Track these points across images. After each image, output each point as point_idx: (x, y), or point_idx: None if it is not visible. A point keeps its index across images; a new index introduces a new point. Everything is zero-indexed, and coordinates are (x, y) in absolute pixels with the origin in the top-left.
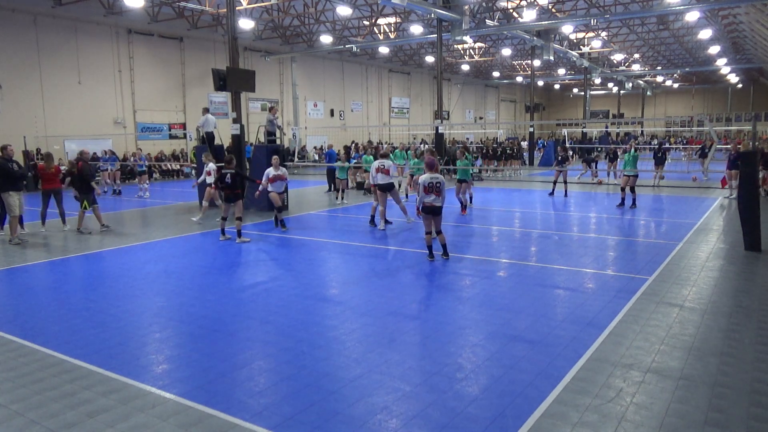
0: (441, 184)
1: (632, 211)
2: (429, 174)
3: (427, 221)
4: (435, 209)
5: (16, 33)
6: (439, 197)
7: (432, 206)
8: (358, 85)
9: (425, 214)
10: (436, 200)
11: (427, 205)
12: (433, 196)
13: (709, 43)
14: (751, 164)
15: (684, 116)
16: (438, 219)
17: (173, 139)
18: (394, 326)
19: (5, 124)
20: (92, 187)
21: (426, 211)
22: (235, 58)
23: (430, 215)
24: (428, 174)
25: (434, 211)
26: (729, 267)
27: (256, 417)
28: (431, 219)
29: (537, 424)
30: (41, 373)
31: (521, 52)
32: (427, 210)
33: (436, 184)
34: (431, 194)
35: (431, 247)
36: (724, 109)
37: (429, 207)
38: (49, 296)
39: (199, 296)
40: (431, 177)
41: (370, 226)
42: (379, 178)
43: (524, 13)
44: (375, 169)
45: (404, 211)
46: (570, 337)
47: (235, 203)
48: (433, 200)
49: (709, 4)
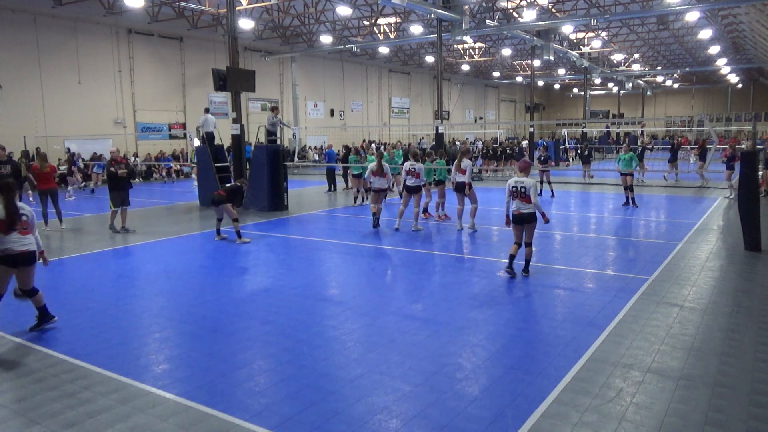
0: (526, 189)
1: (632, 210)
2: (516, 177)
3: (517, 231)
4: (523, 217)
5: (16, 33)
6: (527, 203)
7: (520, 214)
8: (358, 85)
9: (514, 223)
10: (524, 207)
11: (515, 213)
12: (520, 203)
13: (709, 43)
14: (751, 164)
15: (684, 116)
16: (530, 228)
17: (173, 139)
18: (394, 326)
19: (5, 124)
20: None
21: (515, 220)
22: (235, 58)
23: (520, 224)
24: (515, 177)
25: (523, 219)
26: (729, 267)
27: (256, 417)
28: (521, 229)
29: (537, 424)
30: (41, 373)
31: (521, 52)
32: (516, 219)
33: (521, 189)
34: (517, 200)
35: (513, 258)
36: (724, 109)
37: (517, 215)
38: (49, 296)
39: (199, 296)
40: (516, 181)
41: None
42: (409, 181)
43: (524, 13)
44: (405, 171)
45: (416, 217)
46: (570, 337)
47: (224, 206)
48: (521, 206)
49: (709, 4)
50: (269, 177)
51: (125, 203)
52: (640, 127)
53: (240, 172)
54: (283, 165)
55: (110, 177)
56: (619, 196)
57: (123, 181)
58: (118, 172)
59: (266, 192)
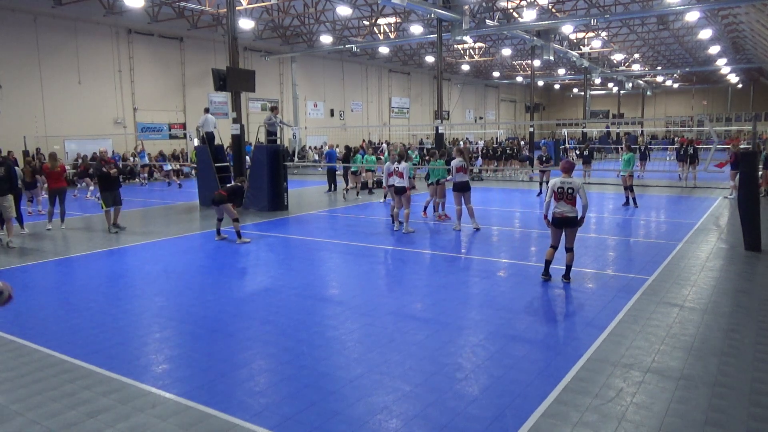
0: (574, 190)
1: (632, 210)
2: (561, 177)
3: (556, 234)
4: (566, 220)
5: (16, 33)
6: (572, 205)
7: (564, 217)
8: (358, 85)
9: (554, 226)
10: (569, 209)
11: (557, 216)
12: (564, 205)
13: (709, 43)
14: (751, 164)
15: (684, 116)
16: (572, 232)
17: (173, 139)
18: (394, 326)
19: (5, 124)
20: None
21: (556, 223)
22: (235, 58)
23: (560, 227)
24: (560, 177)
25: (565, 222)
26: (729, 267)
27: (256, 417)
28: (561, 232)
29: (537, 424)
30: (41, 373)
31: (521, 52)
32: (557, 222)
33: (568, 190)
34: (562, 201)
35: (550, 263)
36: (724, 109)
37: (559, 218)
38: (49, 296)
39: (199, 296)
40: (562, 181)
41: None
42: (392, 181)
43: (524, 13)
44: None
45: (406, 219)
46: (570, 337)
47: (224, 206)
48: (565, 209)
49: (709, 4)
50: (269, 177)
51: (117, 202)
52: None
53: (240, 172)
54: (283, 165)
55: (103, 178)
56: (619, 196)
57: (114, 181)
58: (110, 172)
59: (266, 192)
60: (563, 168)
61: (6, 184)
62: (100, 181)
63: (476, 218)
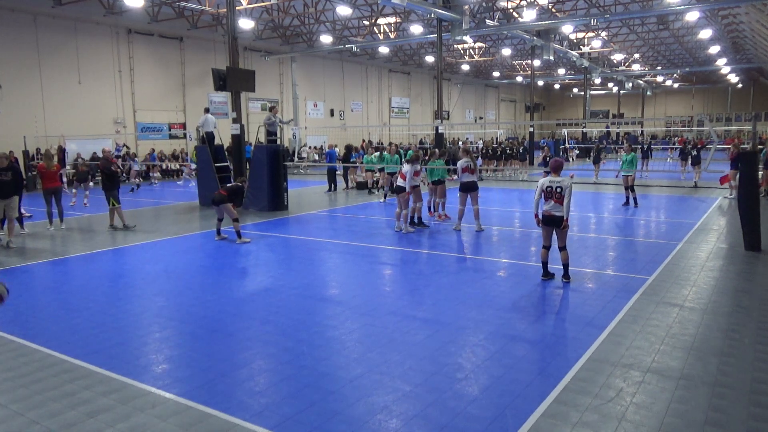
0: (563, 189)
1: (633, 210)
2: (550, 177)
3: (546, 234)
4: (554, 219)
5: (16, 33)
6: (560, 205)
7: (551, 216)
8: (358, 85)
9: (544, 225)
10: (556, 208)
11: (546, 215)
12: (552, 203)
13: (709, 43)
14: (750, 164)
15: (684, 116)
16: (562, 232)
17: (173, 139)
18: (394, 326)
19: (5, 124)
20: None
21: (544, 221)
22: (235, 58)
23: (550, 226)
24: (549, 176)
25: (554, 221)
26: (729, 267)
27: (256, 417)
28: (551, 231)
29: (537, 424)
30: (41, 373)
31: (521, 52)
32: (546, 220)
33: (556, 189)
34: (550, 201)
35: (546, 264)
36: (724, 109)
37: (548, 216)
38: (50, 296)
39: (199, 296)
40: (551, 180)
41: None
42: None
43: (524, 13)
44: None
45: (405, 219)
46: (570, 337)
47: (224, 206)
48: (553, 208)
49: (709, 4)
50: (269, 177)
51: (118, 201)
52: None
53: (240, 172)
54: (283, 165)
55: (111, 176)
56: (619, 196)
57: (118, 179)
58: (117, 171)
59: (266, 192)
60: (552, 167)
61: (13, 187)
62: (108, 179)
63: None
